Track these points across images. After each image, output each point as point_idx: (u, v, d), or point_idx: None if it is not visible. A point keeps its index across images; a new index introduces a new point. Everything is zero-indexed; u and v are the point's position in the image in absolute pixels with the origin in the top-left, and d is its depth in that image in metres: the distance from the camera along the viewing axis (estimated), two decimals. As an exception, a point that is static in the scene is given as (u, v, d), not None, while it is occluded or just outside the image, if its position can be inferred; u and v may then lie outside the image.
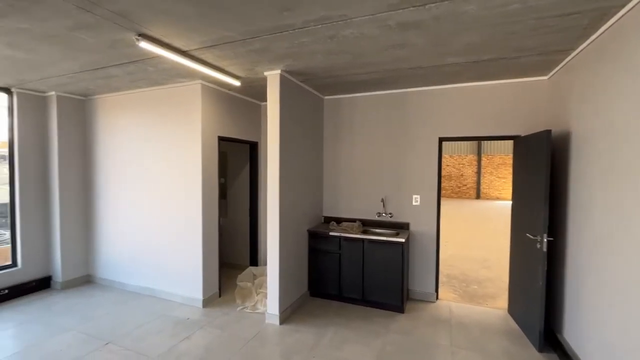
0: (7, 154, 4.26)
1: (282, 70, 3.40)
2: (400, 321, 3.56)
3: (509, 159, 17.33)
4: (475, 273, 5.21)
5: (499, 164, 17.74)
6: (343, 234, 3.94)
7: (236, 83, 3.68)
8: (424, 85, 3.99)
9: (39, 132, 4.35)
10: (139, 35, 2.50)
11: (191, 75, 3.57)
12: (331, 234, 3.98)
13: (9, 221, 4.30)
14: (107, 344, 3.08)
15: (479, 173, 18.09)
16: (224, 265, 5.20)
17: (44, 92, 4.31)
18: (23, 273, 4.21)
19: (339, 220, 4.47)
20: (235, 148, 5.25)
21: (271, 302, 3.50)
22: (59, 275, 4.41)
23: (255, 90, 4.27)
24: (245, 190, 5.16)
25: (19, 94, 4.14)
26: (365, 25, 2.35)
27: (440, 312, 3.78)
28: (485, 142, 17.79)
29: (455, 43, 2.65)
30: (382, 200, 4.25)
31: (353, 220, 4.39)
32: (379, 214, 4.28)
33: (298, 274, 3.92)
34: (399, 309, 3.74)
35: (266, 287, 3.91)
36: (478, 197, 18.05)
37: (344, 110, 4.46)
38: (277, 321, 3.47)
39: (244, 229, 5.19)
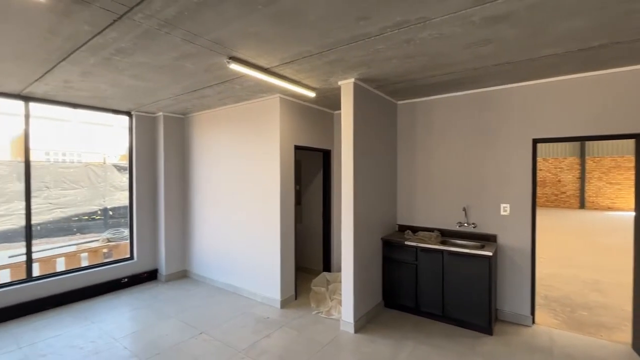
0: (126, 165, 5.19)
1: (355, 79, 3.43)
2: (489, 344, 3.20)
3: (625, 161, 14.37)
4: (583, 297, 4.42)
5: (610, 167, 14.81)
6: (420, 244, 3.74)
7: (311, 94, 3.84)
8: (512, 82, 3.59)
9: (150, 146, 5.19)
10: (230, 58, 2.80)
11: (271, 90, 3.86)
12: (407, 243, 3.83)
13: (128, 221, 5.19)
14: (201, 333, 3.46)
15: (582, 178, 15.37)
16: (298, 269, 5.41)
17: (154, 113, 5.13)
18: (138, 265, 5.02)
19: (414, 229, 4.27)
20: (309, 156, 5.46)
21: (346, 310, 3.50)
22: (163, 269, 5.14)
23: (328, 100, 4.39)
24: (318, 197, 5.31)
25: (137, 116, 5.01)
26: (444, 25, 2.23)
27: (537, 339, 3.29)
28: (591, 142, 15.08)
29: (553, 32, 2.34)
30: (464, 210, 3.92)
31: (430, 230, 4.15)
32: (460, 224, 3.96)
33: (372, 283, 3.85)
34: (486, 330, 3.38)
35: (340, 294, 3.94)
36: (582, 206, 15.33)
37: (419, 114, 4.28)
38: (351, 329, 3.45)
39: (317, 234, 5.33)
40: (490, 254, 3.30)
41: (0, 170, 7.24)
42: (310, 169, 5.49)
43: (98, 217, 8.41)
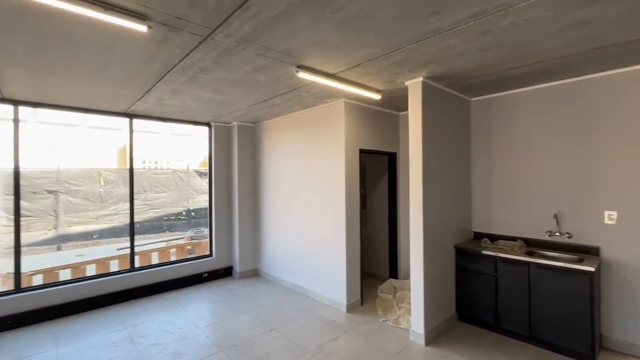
0: (205, 171, 5.75)
1: (424, 78, 3.28)
2: (590, 375, 2.73)
3: None
4: None
5: None
6: (500, 254, 3.38)
7: (376, 97, 3.79)
8: (616, 68, 3.05)
9: (226, 153, 5.68)
10: (298, 67, 2.92)
11: (336, 95, 3.90)
12: (484, 252, 3.50)
13: (207, 221, 5.74)
14: (271, 330, 3.63)
15: None
16: (364, 274, 5.34)
17: (229, 123, 5.61)
18: (216, 262, 5.51)
19: (492, 238, 3.89)
20: (374, 159, 5.38)
21: (415, 320, 3.34)
22: (237, 266, 5.56)
23: (394, 102, 4.28)
24: (383, 201, 5.19)
25: (215, 126, 5.54)
26: (530, 10, 2.00)
27: (660, 377, 2.70)
28: None
29: (680, 2, 1.92)
30: (556, 217, 3.43)
31: (512, 239, 3.73)
32: (550, 233, 3.48)
33: (444, 294, 3.60)
34: (588, 358, 2.89)
35: (409, 302, 3.77)
36: None
37: (497, 110, 3.90)
38: (422, 341, 3.27)
39: (383, 239, 5.20)
40: (592, 269, 2.82)
41: (111, 177, 8.63)
42: (375, 173, 5.40)
43: (183, 217, 9.49)
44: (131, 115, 4.73)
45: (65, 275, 4.81)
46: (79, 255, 6.76)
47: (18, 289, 3.91)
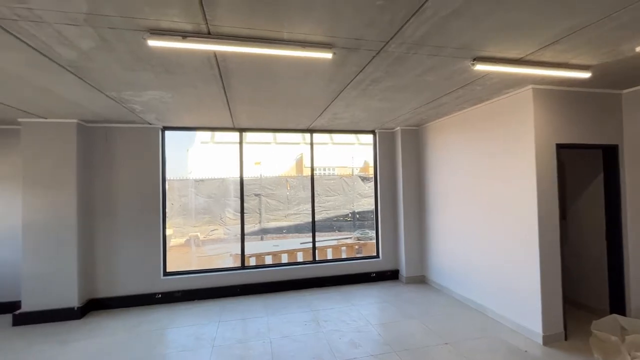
0: (366, 175, 6.04)
1: (673, 35, 2.31)
2: None
3: None
4: None
5: None
6: None
7: (584, 75, 2.95)
8: None
9: (390, 158, 5.81)
10: (474, 59, 2.66)
11: (520, 82, 3.31)
12: None
13: (374, 224, 6.03)
14: (446, 343, 3.41)
15: None
16: (567, 302, 4.24)
17: (392, 128, 5.72)
18: (382, 264, 5.71)
19: None
20: (579, 156, 4.21)
21: (666, 380, 2.35)
22: (403, 270, 5.56)
23: (612, 78, 3.22)
24: (595, 210, 3.96)
25: (379, 133, 5.78)
26: None
27: None
28: None
29: None
30: None
31: None
32: None
33: None
34: None
35: (650, 353, 2.70)
36: None
37: None
38: (681, 414, 2.26)
39: (597, 260, 3.96)
40: None
41: (294, 183, 10.45)
42: (581, 173, 4.20)
43: (349, 219, 10.39)
44: (312, 131, 5.59)
45: (268, 260, 6.17)
46: (275, 245, 8.51)
47: (243, 266, 5.31)
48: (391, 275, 5.70)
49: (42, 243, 4.24)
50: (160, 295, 4.79)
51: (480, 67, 2.69)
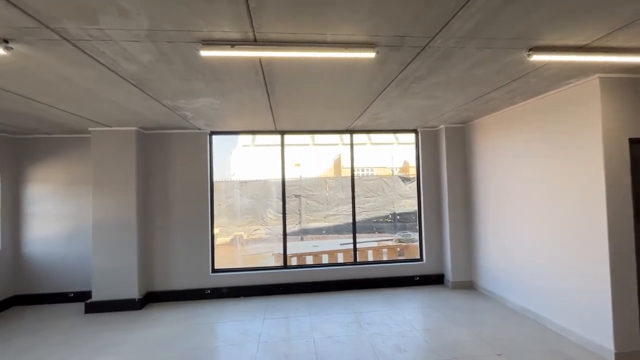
0: (407, 176, 5.85)
1: None
2: None
3: None
4: None
5: None
6: None
7: (664, 60, 2.61)
8: None
9: (433, 158, 5.60)
10: (530, 49, 2.47)
11: (584, 72, 3.00)
12: None
13: (416, 226, 5.84)
14: (499, 355, 3.19)
15: None
16: None
17: (436, 126, 5.50)
18: (426, 267, 5.50)
19: None
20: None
21: None
22: (449, 275, 5.31)
23: (700, 60, 2.80)
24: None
25: (422, 132, 5.59)
26: None
27: None
28: None
29: None
30: None
31: None
32: None
33: None
34: None
35: None
36: None
37: None
38: None
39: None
40: None
41: (333, 184, 10.47)
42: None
43: (389, 221, 10.17)
44: (351, 131, 5.57)
45: (309, 260, 6.25)
46: (315, 246, 8.59)
47: (285, 265, 5.43)
48: (436, 280, 5.47)
49: (109, 240, 4.70)
50: (209, 291, 5.07)
51: (537, 58, 2.49)
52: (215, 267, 5.27)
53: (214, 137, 5.39)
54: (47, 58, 2.38)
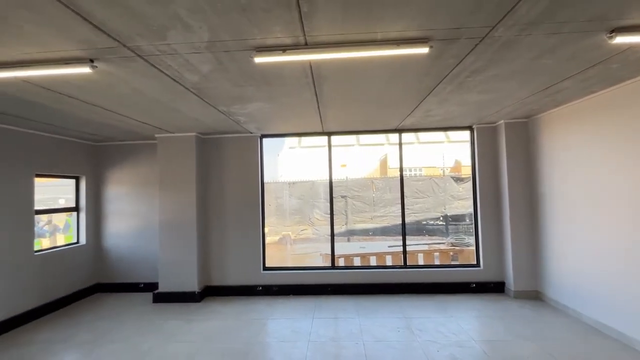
0: (460, 176, 5.48)
1: None
2: None
3: None
4: None
5: None
6: None
7: None
8: None
9: (491, 156, 5.20)
10: (611, 31, 2.17)
11: (683, 52, 2.56)
12: None
13: (472, 229, 5.48)
14: (574, 375, 2.86)
15: None
16: None
17: (494, 122, 5.10)
18: (483, 274, 5.13)
19: None
20: None
21: None
22: (511, 283, 4.88)
23: None
24: None
25: (477, 129, 5.23)
26: None
27: None
28: None
29: None
30: None
31: None
32: None
33: None
34: None
35: None
36: None
37: None
38: None
39: None
40: None
41: (379, 184, 10.26)
42: None
43: (440, 223, 9.68)
44: (400, 130, 5.41)
45: (356, 261, 6.19)
46: (362, 247, 8.49)
47: (333, 266, 5.45)
48: (495, 288, 5.07)
49: (172, 237, 5.13)
50: (260, 288, 5.28)
51: (620, 40, 2.18)
52: (266, 265, 5.47)
53: (265, 140, 5.60)
54: (123, 73, 2.67)
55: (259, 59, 2.35)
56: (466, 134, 5.47)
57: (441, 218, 9.61)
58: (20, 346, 3.71)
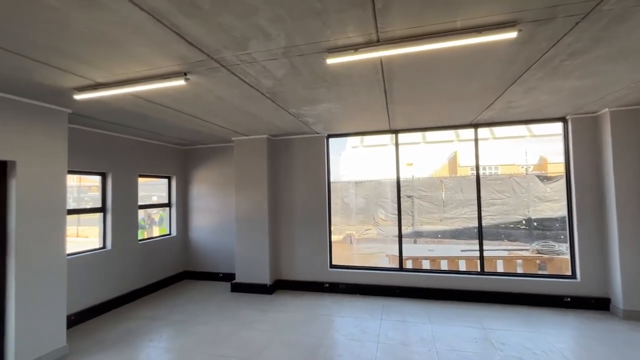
0: (545, 175, 4.79)
1: None
2: None
3: None
4: None
5: None
6: None
7: None
8: None
9: (591, 151, 4.47)
10: None
11: None
12: None
13: (564, 234, 4.78)
14: None
15: None
16: None
17: (596, 111, 4.38)
18: (581, 287, 4.43)
19: None
20: None
21: None
22: (619, 300, 4.13)
23: None
24: None
25: (572, 120, 4.54)
26: None
27: None
28: None
29: None
30: None
31: None
32: None
33: None
34: None
35: None
36: None
37: None
38: None
39: None
40: None
41: (450, 184, 9.62)
42: None
43: (523, 227, 8.66)
44: (476, 125, 4.99)
45: (425, 264, 5.90)
46: (430, 250, 8.06)
47: (400, 268, 5.28)
48: (596, 304, 4.34)
49: (247, 233, 5.54)
50: (327, 285, 5.38)
51: None
52: (333, 263, 5.55)
53: (331, 139, 5.69)
54: (209, 83, 2.97)
55: (330, 60, 2.39)
56: (557, 127, 4.80)
57: (524, 222, 8.59)
58: (129, 320, 4.40)
